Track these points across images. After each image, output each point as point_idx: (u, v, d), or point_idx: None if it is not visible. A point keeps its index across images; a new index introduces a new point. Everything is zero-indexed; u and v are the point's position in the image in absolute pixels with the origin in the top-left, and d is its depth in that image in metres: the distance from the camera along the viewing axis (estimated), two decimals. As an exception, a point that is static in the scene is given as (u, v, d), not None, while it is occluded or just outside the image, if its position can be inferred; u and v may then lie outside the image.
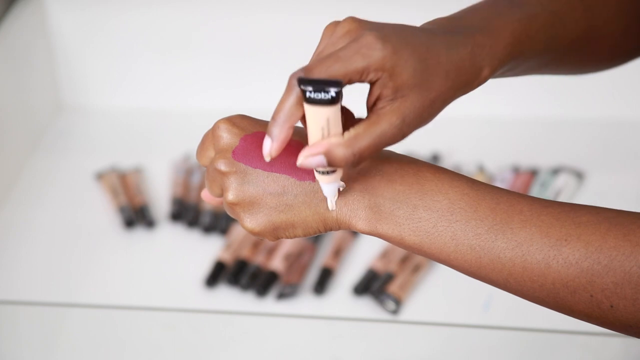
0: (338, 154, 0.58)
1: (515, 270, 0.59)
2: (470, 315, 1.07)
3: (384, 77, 0.58)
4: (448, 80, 0.60)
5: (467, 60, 0.61)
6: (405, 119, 0.59)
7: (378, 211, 0.61)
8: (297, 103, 0.58)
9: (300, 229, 0.63)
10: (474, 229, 0.59)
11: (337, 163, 0.58)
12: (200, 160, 0.65)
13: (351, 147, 0.58)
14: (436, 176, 0.61)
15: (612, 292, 0.56)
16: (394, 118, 0.58)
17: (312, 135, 0.58)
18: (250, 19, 1.37)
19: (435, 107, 0.60)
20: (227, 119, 0.64)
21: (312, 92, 0.56)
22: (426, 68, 0.59)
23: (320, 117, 0.57)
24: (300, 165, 0.59)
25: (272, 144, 0.59)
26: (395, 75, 0.58)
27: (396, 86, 0.58)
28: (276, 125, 0.58)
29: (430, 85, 0.59)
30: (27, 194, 1.27)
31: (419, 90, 0.59)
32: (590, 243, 0.57)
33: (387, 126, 0.58)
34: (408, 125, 0.59)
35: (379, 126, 0.58)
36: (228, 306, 1.10)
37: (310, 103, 0.57)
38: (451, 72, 0.60)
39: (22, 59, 1.34)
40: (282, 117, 0.58)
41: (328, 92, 0.56)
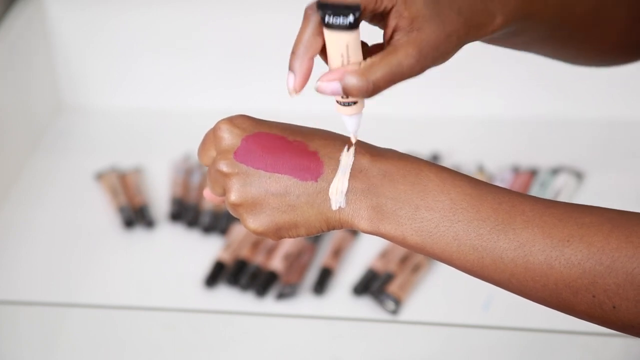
0: (353, 81, 0.58)
1: (518, 271, 0.59)
2: (470, 315, 1.07)
3: (399, 4, 0.58)
4: (461, 16, 0.60)
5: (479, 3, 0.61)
6: (421, 50, 0.58)
7: (380, 211, 0.61)
8: (315, 33, 0.58)
9: (303, 228, 0.63)
10: (476, 229, 0.59)
11: (352, 91, 0.58)
12: (202, 160, 0.65)
13: (366, 76, 0.58)
14: (438, 176, 0.61)
15: (614, 293, 0.56)
16: (410, 48, 0.58)
17: (332, 62, 0.58)
18: (250, 19, 1.37)
19: (451, 43, 0.60)
20: (228, 120, 0.64)
21: (331, 17, 0.56)
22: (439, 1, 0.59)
23: (339, 43, 0.57)
24: (316, 89, 0.59)
25: (295, 78, 0.59)
26: (409, 3, 0.58)
27: (411, 16, 0.58)
28: (297, 58, 0.58)
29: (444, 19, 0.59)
30: (27, 194, 1.27)
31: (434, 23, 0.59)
32: (592, 244, 0.57)
33: (404, 56, 0.58)
34: (425, 57, 0.59)
35: (395, 56, 0.58)
36: (228, 306, 1.10)
37: (329, 28, 0.56)
38: (464, 9, 0.60)
39: (22, 59, 1.34)
40: (301, 48, 0.58)
41: (347, 16, 0.56)
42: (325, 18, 0.56)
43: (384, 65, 0.58)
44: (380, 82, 0.58)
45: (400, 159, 0.62)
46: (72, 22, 1.39)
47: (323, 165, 0.62)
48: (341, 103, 0.60)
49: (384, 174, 0.61)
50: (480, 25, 0.61)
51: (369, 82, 0.58)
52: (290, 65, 0.59)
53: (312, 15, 0.57)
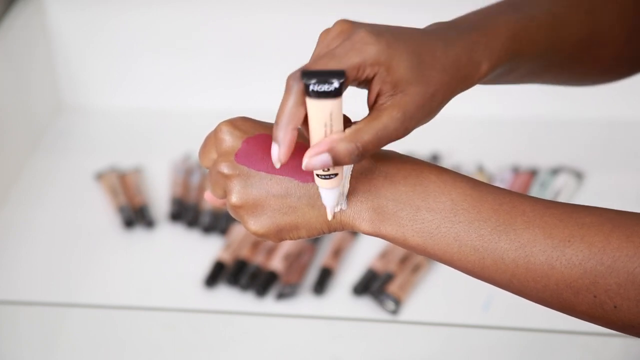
0: (341, 148, 0.58)
1: (519, 271, 0.59)
2: (470, 315, 1.07)
3: (381, 71, 0.58)
4: (445, 74, 0.60)
5: (463, 55, 0.61)
6: (406, 113, 0.58)
7: (381, 212, 0.61)
8: (298, 103, 0.57)
9: (304, 230, 0.63)
10: (477, 230, 0.59)
11: (341, 158, 0.58)
12: (203, 162, 0.65)
13: (354, 141, 0.58)
14: (439, 177, 0.61)
15: (615, 293, 0.56)
16: (394, 112, 0.58)
17: (314, 134, 0.58)
18: (249, 19, 1.37)
19: (436, 101, 0.60)
20: (229, 122, 0.64)
21: (316, 85, 0.56)
22: (422, 62, 0.59)
23: (323, 111, 0.57)
24: (305, 167, 0.58)
25: (280, 149, 0.58)
26: (392, 69, 0.58)
27: (394, 80, 0.58)
28: (280, 129, 0.58)
29: (428, 80, 0.59)
30: (27, 194, 1.27)
31: (417, 84, 0.59)
32: (593, 244, 0.57)
33: (389, 120, 0.58)
34: (410, 119, 0.59)
35: (380, 120, 0.58)
36: (228, 306, 1.10)
37: (313, 97, 0.56)
38: (448, 66, 0.60)
39: (22, 59, 1.34)
40: (284, 119, 0.58)
41: (332, 83, 0.56)
42: (309, 87, 0.56)
43: (370, 129, 0.58)
44: (368, 146, 0.58)
45: (401, 161, 0.62)
46: (72, 22, 1.39)
47: None
48: (321, 176, 0.59)
49: (385, 175, 0.61)
50: (465, 77, 0.61)
51: (358, 147, 0.58)
52: (274, 136, 0.58)
53: (294, 85, 0.57)
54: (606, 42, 0.71)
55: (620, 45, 0.72)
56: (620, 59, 0.73)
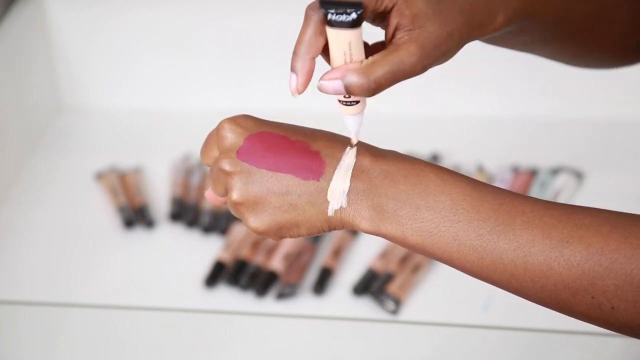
0: (354, 80, 0.58)
1: (517, 272, 0.59)
2: (470, 315, 1.07)
3: (399, 3, 0.58)
4: (462, 15, 0.60)
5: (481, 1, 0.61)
6: (424, 48, 0.58)
7: (381, 211, 0.61)
8: (317, 33, 0.58)
9: (304, 228, 0.63)
10: (476, 229, 0.59)
11: (353, 90, 0.58)
12: (204, 160, 0.66)
13: (367, 74, 0.58)
14: (439, 176, 0.61)
15: (613, 294, 0.56)
16: (412, 47, 0.58)
17: (335, 60, 0.58)
18: (250, 19, 1.37)
19: (452, 41, 0.60)
20: (231, 119, 0.64)
21: (334, 14, 0.56)
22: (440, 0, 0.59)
23: (342, 41, 0.57)
24: (319, 87, 0.59)
25: (298, 78, 0.59)
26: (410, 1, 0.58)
27: (413, 14, 0.58)
28: (299, 59, 0.58)
29: (446, 18, 0.59)
30: (27, 194, 1.27)
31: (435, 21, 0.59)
32: (591, 245, 0.57)
33: (406, 54, 0.58)
34: (427, 55, 0.59)
35: (397, 54, 0.58)
36: (228, 306, 1.10)
37: (332, 26, 0.56)
38: (465, 8, 0.60)
39: (22, 59, 1.34)
40: (303, 48, 0.58)
41: (350, 13, 0.56)
42: (327, 16, 0.56)
43: (385, 64, 0.58)
44: (382, 80, 0.58)
45: (402, 160, 0.62)
46: (72, 22, 1.39)
47: (325, 165, 0.62)
48: (343, 102, 0.60)
49: (385, 174, 0.61)
50: (481, 24, 0.61)
51: (370, 81, 0.58)
52: (292, 65, 0.59)
53: (313, 15, 0.57)
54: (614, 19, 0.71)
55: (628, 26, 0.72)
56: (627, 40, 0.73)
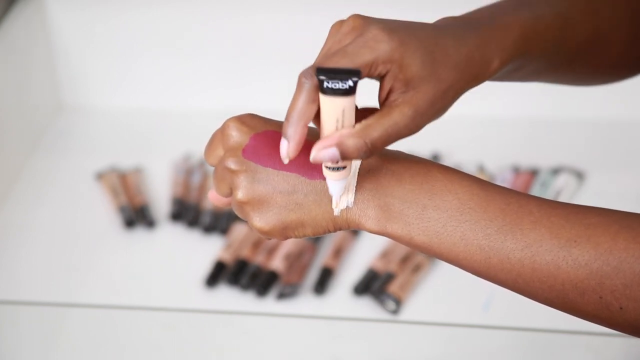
0: (350, 144, 0.58)
1: (525, 271, 0.58)
2: (471, 315, 1.07)
3: (393, 69, 0.58)
4: (457, 71, 0.60)
5: (475, 52, 0.61)
6: (417, 109, 0.59)
7: (388, 210, 0.61)
8: (309, 101, 0.57)
9: (310, 228, 0.62)
10: (483, 229, 0.59)
11: (349, 154, 0.58)
12: (209, 159, 0.65)
13: (363, 137, 0.58)
14: (446, 176, 0.61)
15: (621, 294, 0.56)
16: (405, 108, 0.58)
17: (326, 128, 0.58)
18: (250, 19, 1.37)
19: (447, 98, 0.60)
20: (236, 118, 0.64)
21: (330, 82, 0.56)
22: (434, 60, 0.59)
23: (336, 108, 0.57)
24: (313, 159, 0.58)
25: (289, 145, 0.58)
26: (404, 67, 0.58)
27: (407, 78, 0.58)
28: (290, 125, 0.58)
29: (440, 77, 0.59)
30: (27, 194, 1.27)
31: (429, 82, 0.59)
32: (600, 245, 0.57)
33: (400, 116, 0.58)
34: (421, 116, 0.59)
35: (391, 117, 0.58)
36: (228, 306, 1.10)
37: (326, 94, 0.57)
38: (460, 63, 0.60)
39: (23, 59, 1.34)
40: (295, 116, 0.58)
41: (346, 81, 0.56)
42: (324, 83, 0.56)
43: (380, 126, 0.58)
44: (377, 142, 0.58)
45: (408, 160, 0.62)
46: (72, 22, 1.39)
47: None
48: (330, 168, 0.60)
49: (392, 173, 0.61)
50: (477, 74, 0.61)
51: (366, 143, 0.58)
52: (284, 132, 0.58)
53: (306, 82, 0.57)
54: (612, 42, 0.71)
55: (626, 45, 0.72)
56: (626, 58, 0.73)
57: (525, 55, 0.65)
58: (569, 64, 0.70)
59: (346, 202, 0.61)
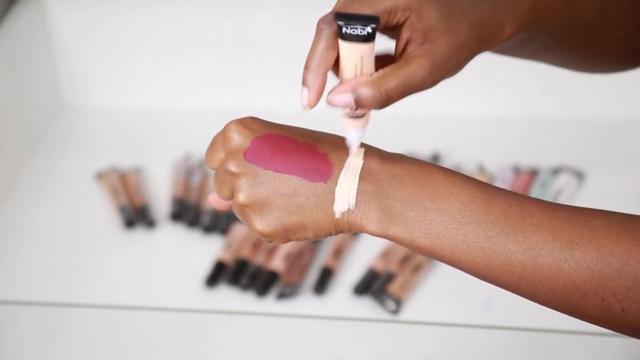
0: (365, 92, 0.58)
1: (527, 274, 0.58)
2: (471, 315, 1.07)
3: (412, 17, 0.58)
4: (472, 29, 0.60)
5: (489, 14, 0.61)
6: (434, 62, 0.59)
7: (389, 213, 0.61)
8: (329, 46, 0.58)
9: (311, 230, 0.62)
10: (485, 231, 0.59)
11: (364, 102, 0.58)
12: (210, 162, 0.65)
13: (378, 86, 0.58)
14: (447, 178, 0.61)
15: (623, 296, 0.56)
16: (423, 60, 0.59)
17: (345, 74, 0.58)
18: (250, 19, 1.37)
19: (462, 55, 0.60)
20: (238, 121, 0.64)
21: (349, 28, 0.56)
22: (451, 13, 0.59)
23: (355, 54, 0.57)
24: (328, 101, 0.59)
25: (309, 92, 0.59)
26: (423, 16, 0.58)
27: (425, 28, 0.59)
28: (310, 73, 0.58)
29: (457, 31, 0.60)
30: (27, 194, 1.27)
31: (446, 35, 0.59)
32: (602, 247, 0.57)
33: (417, 67, 0.59)
34: (438, 69, 0.59)
35: (409, 68, 0.59)
36: (228, 306, 1.10)
37: (346, 39, 0.57)
38: (475, 21, 0.60)
39: (23, 59, 1.34)
40: (315, 62, 0.58)
41: (365, 27, 0.56)
42: (343, 29, 0.56)
43: (396, 77, 0.58)
44: (392, 92, 0.58)
45: (410, 162, 0.62)
46: (72, 22, 1.39)
47: (333, 167, 0.62)
48: (349, 116, 0.60)
49: (393, 176, 0.61)
50: (490, 35, 0.62)
51: (381, 93, 0.58)
52: (304, 80, 0.59)
53: (325, 28, 0.57)
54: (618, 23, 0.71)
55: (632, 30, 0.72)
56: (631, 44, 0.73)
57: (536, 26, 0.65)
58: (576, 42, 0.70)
59: (347, 204, 0.61)
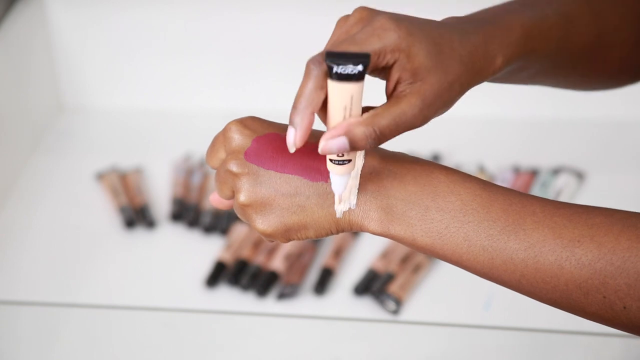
0: (359, 132, 0.58)
1: (528, 272, 0.58)
2: (471, 315, 1.07)
3: (401, 58, 0.58)
4: (462, 65, 0.60)
5: (480, 47, 0.61)
6: (425, 100, 0.59)
7: (390, 212, 0.61)
8: (318, 87, 0.57)
9: (312, 230, 0.62)
10: (486, 230, 0.59)
11: (358, 142, 0.58)
12: (210, 162, 0.65)
13: (372, 125, 0.58)
14: (448, 177, 0.61)
15: (625, 294, 0.56)
16: (413, 99, 0.58)
17: (333, 117, 0.58)
18: (250, 19, 1.37)
19: (453, 91, 0.60)
20: (238, 121, 0.64)
21: (339, 67, 0.56)
22: (440, 51, 0.59)
23: (344, 94, 0.57)
24: (322, 150, 0.58)
25: (296, 132, 0.58)
26: (412, 56, 0.58)
27: (414, 68, 0.58)
28: (298, 113, 0.58)
29: (446, 69, 0.59)
30: (27, 194, 1.27)
31: (436, 73, 0.59)
32: (603, 244, 0.57)
33: (407, 106, 0.58)
34: (428, 107, 0.59)
35: (399, 106, 0.58)
36: (228, 306, 1.10)
37: (335, 79, 0.56)
38: (465, 57, 0.60)
39: (23, 59, 1.34)
40: (303, 103, 0.58)
41: (356, 66, 0.56)
42: (333, 69, 0.56)
43: (388, 115, 0.58)
44: (386, 130, 0.58)
45: (411, 161, 0.62)
46: (72, 22, 1.39)
47: None
48: (335, 162, 0.59)
49: (394, 175, 0.61)
50: (481, 69, 0.62)
51: (375, 131, 0.58)
52: (291, 120, 0.58)
53: (314, 69, 0.57)
54: (614, 44, 0.71)
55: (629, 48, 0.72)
56: (629, 62, 0.73)
57: (529, 54, 0.65)
58: (573, 66, 0.70)
59: (349, 204, 0.61)
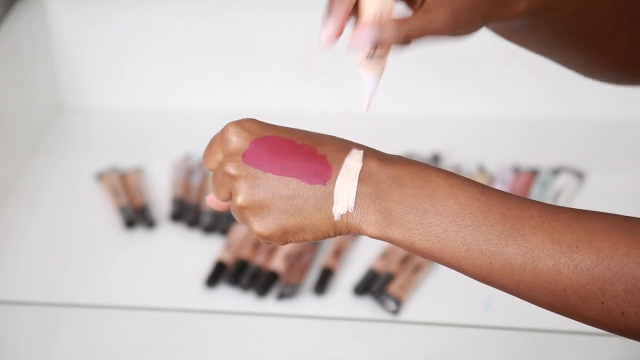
0: (387, 30, 0.59)
1: (526, 277, 0.58)
2: (471, 315, 1.07)
3: None
4: None
5: None
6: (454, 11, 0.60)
7: (388, 215, 0.61)
8: None
9: (310, 233, 0.62)
10: (484, 234, 0.59)
11: (385, 38, 0.59)
12: (208, 164, 0.65)
13: (399, 28, 0.59)
14: (447, 181, 0.61)
15: (623, 300, 0.56)
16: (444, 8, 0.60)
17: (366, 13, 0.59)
18: (250, 19, 1.37)
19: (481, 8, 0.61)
20: (236, 123, 0.64)
21: None
22: None
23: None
24: (349, 41, 0.59)
25: (334, 24, 0.60)
26: None
27: None
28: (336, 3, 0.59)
29: None
30: (27, 194, 1.27)
31: None
32: (601, 250, 0.57)
33: (438, 14, 0.60)
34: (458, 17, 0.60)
35: (430, 14, 0.60)
36: (228, 306, 1.10)
37: None
38: None
39: (23, 59, 1.34)
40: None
41: None
42: None
43: (417, 20, 0.60)
44: (413, 31, 0.59)
45: (409, 164, 0.62)
46: (72, 22, 1.39)
47: (332, 169, 0.61)
48: (367, 57, 0.61)
49: (392, 178, 0.61)
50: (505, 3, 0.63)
51: (402, 29, 0.59)
52: (330, 7, 0.60)
53: None
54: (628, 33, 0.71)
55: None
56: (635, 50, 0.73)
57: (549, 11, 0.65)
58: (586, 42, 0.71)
59: (346, 206, 0.61)
